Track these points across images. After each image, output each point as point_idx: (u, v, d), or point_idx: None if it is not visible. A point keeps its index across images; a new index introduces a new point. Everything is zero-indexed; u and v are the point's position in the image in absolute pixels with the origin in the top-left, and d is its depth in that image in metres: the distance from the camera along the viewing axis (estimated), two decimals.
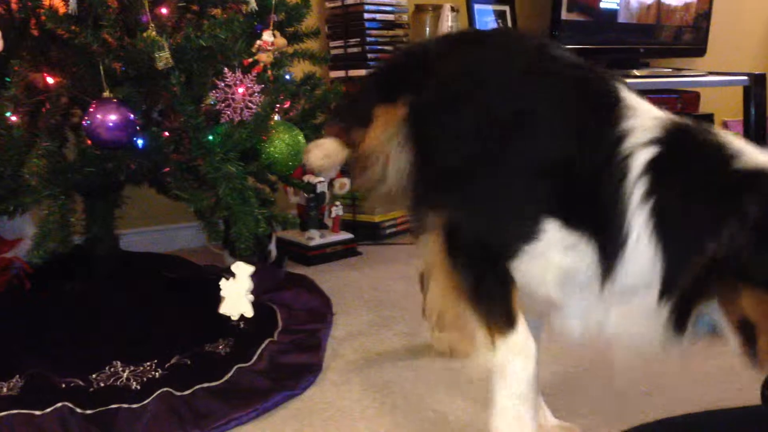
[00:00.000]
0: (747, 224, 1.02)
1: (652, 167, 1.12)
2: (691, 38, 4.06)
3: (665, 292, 1.09)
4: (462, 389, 1.75)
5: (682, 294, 1.08)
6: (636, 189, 1.12)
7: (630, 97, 1.26)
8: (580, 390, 1.77)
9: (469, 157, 1.36)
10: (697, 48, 4.10)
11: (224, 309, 1.72)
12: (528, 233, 1.21)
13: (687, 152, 1.15)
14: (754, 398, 1.72)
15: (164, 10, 1.73)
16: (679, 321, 1.10)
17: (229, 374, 1.77)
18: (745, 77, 3.79)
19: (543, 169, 1.24)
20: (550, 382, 1.78)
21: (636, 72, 3.53)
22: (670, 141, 1.15)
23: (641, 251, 1.11)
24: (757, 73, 3.84)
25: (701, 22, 4.05)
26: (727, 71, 3.94)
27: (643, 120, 1.19)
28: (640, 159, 1.13)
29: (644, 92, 3.80)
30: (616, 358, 1.24)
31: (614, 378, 1.82)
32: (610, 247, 1.14)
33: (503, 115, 1.33)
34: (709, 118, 3.85)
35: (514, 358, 1.27)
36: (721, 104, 4.25)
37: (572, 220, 1.19)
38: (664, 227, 1.09)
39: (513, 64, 1.43)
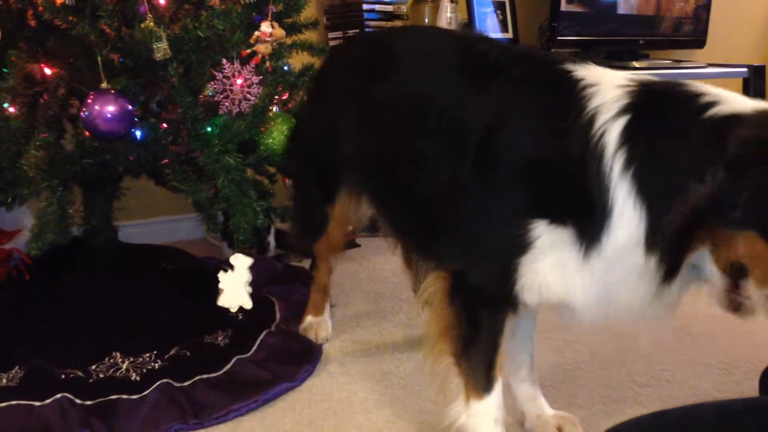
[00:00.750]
0: (732, 172, 1.03)
1: (626, 136, 1.12)
2: (690, 30, 4.04)
3: (651, 244, 1.10)
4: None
5: (671, 246, 1.09)
6: (615, 162, 1.12)
7: (587, 74, 1.23)
8: (580, 381, 1.77)
9: (441, 197, 1.36)
10: (697, 40, 4.08)
11: (223, 301, 1.72)
12: (523, 243, 1.21)
13: (658, 112, 1.14)
14: (752, 390, 1.73)
15: (162, 1, 1.73)
16: (669, 272, 1.12)
17: (229, 365, 1.77)
18: (745, 69, 3.78)
19: (525, 182, 1.23)
20: (550, 374, 1.79)
21: (635, 64, 3.51)
22: (639, 106, 1.14)
23: (627, 215, 1.12)
24: (756, 65, 3.83)
25: (701, 13, 4.03)
26: (726, 63, 3.93)
27: (607, 95, 1.17)
28: (613, 133, 1.13)
29: None
30: (622, 326, 1.25)
31: (614, 370, 1.83)
32: (596, 222, 1.15)
33: (468, 132, 1.30)
34: None
35: (485, 421, 1.33)
36: None
37: (558, 215, 1.19)
38: (646, 187, 1.10)
39: (449, 84, 1.39)
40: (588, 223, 1.16)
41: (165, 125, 1.77)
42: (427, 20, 3.27)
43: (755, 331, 2.07)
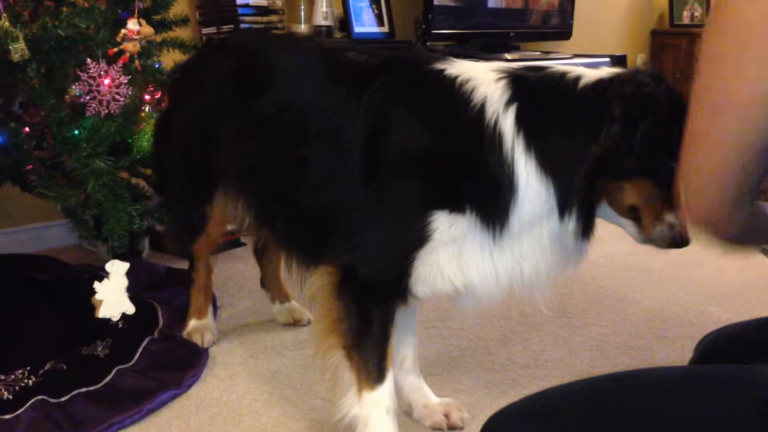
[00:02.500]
0: (619, 126, 1.17)
1: (520, 121, 1.22)
2: (557, 22, 4.22)
3: (565, 208, 1.22)
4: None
5: (581, 202, 1.21)
6: (515, 145, 1.21)
7: (459, 70, 1.30)
8: (464, 368, 1.82)
9: (332, 196, 1.38)
10: (564, 31, 4.27)
11: (104, 311, 1.65)
12: (420, 237, 1.26)
13: (540, 95, 1.25)
14: (621, 365, 1.83)
15: None
16: (587, 227, 1.24)
17: (109, 376, 1.71)
18: (607, 59, 3.99)
19: (420, 177, 1.28)
20: (435, 363, 1.83)
21: (507, 56, 3.63)
22: (521, 92, 1.24)
23: (533, 189, 1.21)
24: (618, 54, 4.06)
25: (566, 5, 4.22)
26: (591, 53, 4.13)
27: (487, 87, 1.25)
28: (507, 120, 1.22)
29: None
30: (536, 296, 1.33)
31: (496, 354, 1.89)
32: (501, 203, 1.22)
33: (350, 136, 1.34)
34: None
35: (378, 411, 1.36)
36: None
37: (457, 204, 1.25)
38: (548, 161, 1.21)
39: (324, 96, 1.41)
40: (491, 206, 1.23)
41: (27, 129, 1.67)
42: (303, 14, 3.26)
43: (623, 307, 2.20)
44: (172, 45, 2.04)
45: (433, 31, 3.48)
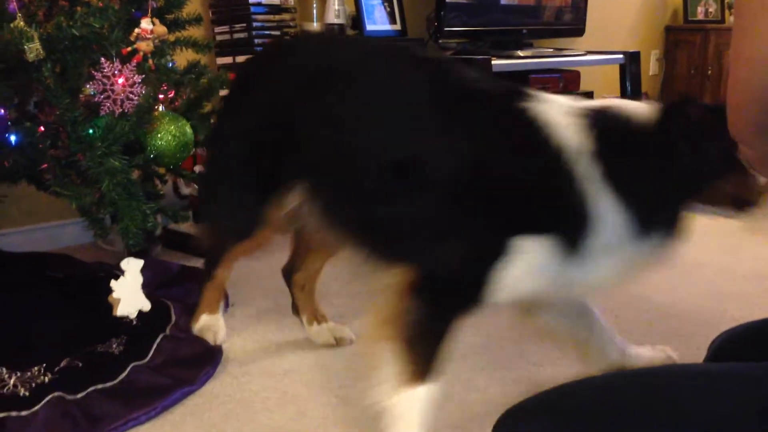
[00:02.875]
0: (691, 158, 1.29)
1: (597, 161, 1.30)
2: (570, 18, 4.20)
3: (650, 230, 1.31)
4: (363, 373, 1.76)
5: (672, 222, 1.33)
6: (593, 179, 1.29)
7: (541, 109, 1.35)
8: (478, 364, 1.83)
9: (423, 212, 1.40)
10: (577, 28, 4.25)
11: (122, 309, 1.67)
12: (499, 257, 1.30)
13: (611, 138, 1.33)
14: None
15: None
16: (673, 237, 1.34)
17: (125, 373, 1.72)
18: (621, 55, 3.97)
19: (501, 203, 1.35)
20: (446, 360, 1.83)
21: (520, 53, 3.62)
22: (595, 133, 1.32)
23: (610, 218, 1.29)
24: (631, 51, 4.03)
25: (579, 2, 4.20)
26: (604, 50, 4.11)
27: (566, 128, 1.32)
28: (584, 158, 1.30)
29: (529, 72, 3.80)
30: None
31: (509, 351, 1.89)
32: (580, 230, 1.30)
33: (443, 162, 1.37)
34: (589, 95, 4.01)
35: (415, 407, 1.36)
36: (599, 82, 4.44)
37: (540, 230, 1.31)
38: (624, 194, 1.30)
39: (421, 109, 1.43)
40: (570, 233, 1.30)
41: (42, 128, 1.69)
42: (315, 13, 3.26)
43: (635, 304, 2.19)
44: (186, 44, 2.05)
45: (446, 29, 3.48)
